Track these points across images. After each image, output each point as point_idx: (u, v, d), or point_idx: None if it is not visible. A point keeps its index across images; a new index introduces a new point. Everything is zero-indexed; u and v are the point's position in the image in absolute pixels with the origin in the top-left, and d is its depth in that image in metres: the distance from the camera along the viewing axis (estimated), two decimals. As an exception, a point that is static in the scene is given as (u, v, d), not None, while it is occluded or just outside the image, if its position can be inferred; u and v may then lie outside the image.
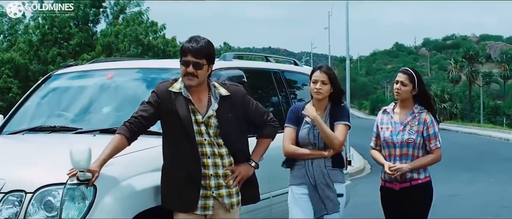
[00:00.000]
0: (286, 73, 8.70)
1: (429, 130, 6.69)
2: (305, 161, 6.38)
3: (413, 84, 6.73)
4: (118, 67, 7.55)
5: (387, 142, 6.78)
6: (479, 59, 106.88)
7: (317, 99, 6.44)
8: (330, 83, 6.40)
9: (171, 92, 5.47)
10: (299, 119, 6.49)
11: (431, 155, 6.73)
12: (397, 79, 6.79)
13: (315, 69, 6.50)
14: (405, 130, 6.70)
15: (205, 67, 5.43)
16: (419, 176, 6.72)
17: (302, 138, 6.41)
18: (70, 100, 7.26)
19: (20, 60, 41.62)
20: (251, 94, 6.95)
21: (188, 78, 5.40)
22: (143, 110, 5.49)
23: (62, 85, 7.52)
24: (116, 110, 6.81)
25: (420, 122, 6.70)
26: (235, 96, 5.61)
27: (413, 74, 6.76)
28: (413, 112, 6.76)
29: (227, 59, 7.50)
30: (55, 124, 6.82)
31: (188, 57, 5.38)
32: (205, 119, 5.46)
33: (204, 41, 5.45)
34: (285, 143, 6.47)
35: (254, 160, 5.74)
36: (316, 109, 6.44)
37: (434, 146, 6.71)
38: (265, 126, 5.82)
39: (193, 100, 5.46)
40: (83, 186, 5.08)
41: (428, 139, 6.70)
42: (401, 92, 6.75)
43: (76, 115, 6.98)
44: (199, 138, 5.44)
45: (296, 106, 6.72)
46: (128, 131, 5.38)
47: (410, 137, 6.66)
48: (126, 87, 7.11)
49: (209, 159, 5.47)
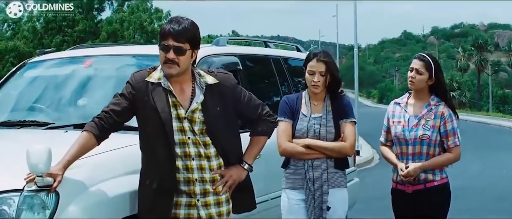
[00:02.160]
0: (288, 60, 7.98)
1: (447, 125, 5.91)
2: (304, 161, 5.60)
3: (429, 73, 5.92)
4: (97, 54, 6.80)
5: (398, 138, 6.01)
6: (488, 48, 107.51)
7: (314, 92, 5.67)
8: (329, 73, 5.60)
9: (148, 82, 4.68)
10: (293, 111, 5.71)
11: (449, 153, 5.95)
12: (412, 66, 5.99)
13: (311, 56, 5.67)
14: (419, 124, 5.92)
15: (189, 53, 4.63)
16: (434, 177, 5.94)
17: (301, 132, 5.62)
18: (44, 91, 6.52)
19: (24, 48, 41.62)
20: (248, 83, 6.41)
21: (168, 66, 4.59)
22: (115, 103, 4.70)
23: (36, 75, 6.78)
24: (93, 102, 6.00)
25: (436, 115, 5.92)
26: (224, 86, 4.79)
27: (430, 61, 5.96)
28: (429, 104, 5.98)
29: (220, 45, 6.79)
30: (26, 117, 6.09)
31: (168, 41, 4.58)
32: (189, 114, 4.64)
33: (187, 22, 4.64)
34: (281, 140, 5.63)
35: (247, 162, 4.92)
36: (313, 101, 5.70)
37: (452, 144, 5.93)
38: (260, 121, 5.00)
39: (174, 92, 4.65)
40: (44, 193, 4.32)
41: (446, 135, 5.92)
42: (415, 82, 5.95)
43: (49, 107, 6.26)
44: (181, 136, 4.64)
45: (289, 98, 5.88)
46: (97, 128, 4.60)
47: (425, 133, 5.88)
48: (105, 77, 6.35)
49: (194, 161, 4.67)
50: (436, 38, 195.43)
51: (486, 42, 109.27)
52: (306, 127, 5.61)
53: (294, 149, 5.60)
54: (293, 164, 5.66)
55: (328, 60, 5.61)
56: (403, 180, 5.91)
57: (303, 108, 5.68)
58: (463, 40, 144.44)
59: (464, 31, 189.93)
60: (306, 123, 5.62)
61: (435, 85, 5.99)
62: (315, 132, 5.60)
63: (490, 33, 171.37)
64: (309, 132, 5.60)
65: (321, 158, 5.57)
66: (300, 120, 5.66)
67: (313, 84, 5.59)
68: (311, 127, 5.61)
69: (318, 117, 5.65)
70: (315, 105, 5.69)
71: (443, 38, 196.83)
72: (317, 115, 5.66)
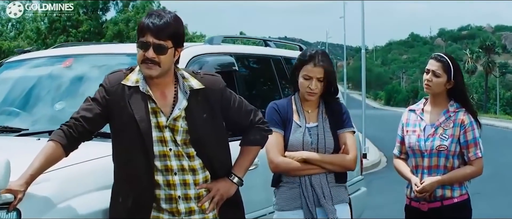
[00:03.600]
0: (291, 61, 7.27)
1: (467, 134, 5.26)
2: (300, 177, 4.90)
3: (448, 75, 5.27)
4: (79, 53, 6.20)
5: (413, 150, 5.37)
6: (496, 50, 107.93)
7: (308, 100, 5.00)
8: (326, 79, 4.93)
9: (124, 86, 4.07)
10: (285, 120, 4.99)
11: (469, 166, 5.30)
12: (428, 67, 5.33)
13: (307, 59, 4.96)
14: (436, 134, 5.28)
15: (171, 52, 4.01)
16: (453, 193, 5.29)
17: (295, 144, 4.91)
18: (19, 93, 5.97)
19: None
20: (245, 86, 5.96)
21: (147, 67, 3.97)
22: (86, 109, 4.09)
23: (12, 76, 6.23)
24: (72, 106, 5.35)
25: (456, 123, 5.27)
26: (212, 90, 4.16)
27: (449, 62, 5.29)
28: (448, 110, 5.33)
29: (214, 43, 6.22)
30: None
31: (147, 38, 3.96)
32: (170, 122, 4.03)
33: (169, 16, 4.02)
34: (273, 154, 4.89)
35: (236, 175, 4.27)
36: (305, 108, 5.01)
37: (474, 156, 5.27)
38: (252, 129, 4.35)
39: (154, 97, 4.04)
40: (3, 211, 3.76)
41: (466, 146, 5.27)
42: (432, 85, 5.30)
43: (24, 111, 5.72)
44: (162, 147, 4.03)
45: (278, 104, 5.08)
46: (64, 137, 3.99)
47: (442, 143, 5.23)
48: (85, 78, 5.77)
49: (176, 176, 4.05)
50: (443, 40, 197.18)
51: (494, 44, 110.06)
52: (301, 138, 4.91)
53: (289, 164, 4.88)
54: (287, 182, 4.96)
55: (326, 65, 4.91)
56: (418, 197, 5.27)
57: (295, 117, 4.98)
58: (470, 42, 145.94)
59: (471, 33, 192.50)
60: (301, 134, 4.91)
61: (454, 89, 5.34)
62: (312, 143, 4.89)
63: (497, 35, 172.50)
64: (305, 144, 4.90)
65: (320, 173, 4.91)
66: (294, 130, 4.94)
67: (308, 92, 4.90)
68: (308, 138, 4.90)
69: (314, 126, 4.95)
70: (308, 113, 5.00)
71: (450, 40, 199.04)
72: (313, 124, 4.96)
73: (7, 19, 49.15)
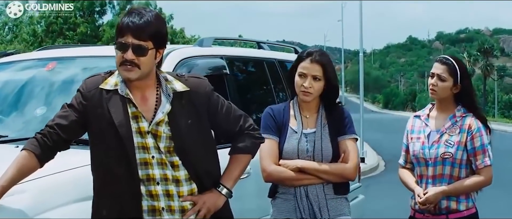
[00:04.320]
0: (285, 64, 7.04)
1: (475, 141, 4.92)
2: (295, 188, 4.59)
3: (454, 79, 4.95)
4: (63, 56, 5.94)
5: (417, 158, 5.04)
6: (494, 53, 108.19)
7: (304, 101, 4.69)
8: (324, 78, 4.61)
9: (102, 90, 3.79)
10: (280, 125, 4.68)
11: (477, 176, 4.95)
12: (433, 71, 5.02)
13: (304, 56, 4.67)
14: (441, 141, 4.96)
15: (151, 53, 3.71)
16: (459, 205, 4.95)
17: (290, 152, 4.60)
18: (0, 98, 5.71)
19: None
20: (237, 91, 5.73)
21: (126, 69, 3.68)
22: (62, 116, 3.82)
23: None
24: (53, 111, 5.02)
25: (462, 129, 4.95)
26: (197, 93, 3.87)
27: (455, 64, 4.98)
28: (454, 115, 5.02)
29: (204, 45, 5.95)
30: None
31: (126, 38, 3.67)
32: (153, 127, 3.75)
33: (150, 15, 3.72)
34: (266, 162, 4.58)
35: (225, 185, 3.97)
36: (303, 113, 4.70)
37: (482, 164, 4.92)
38: (242, 136, 4.03)
39: (134, 101, 3.76)
40: (-28, 226, 3.49)
41: (474, 153, 4.92)
42: (437, 90, 4.98)
43: (3, 117, 5.48)
44: (144, 155, 3.74)
45: (274, 109, 4.78)
46: (38, 146, 3.72)
47: (447, 150, 4.90)
48: (69, 81, 5.46)
49: (159, 186, 3.76)
50: (441, 43, 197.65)
51: (492, 47, 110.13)
52: (296, 145, 4.58)
53: (283, 173, 4.56)
54: (283, 193, 4.66)
55: (325, 62, 4.60)
56: (421, 208, 4.96)
57: (291, 122, 4.65)
58: (468, 45, 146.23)
59: (469, 36, 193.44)
60: (296, 140, 4.59)
61: (462, 93, 5.03)
62: (308, 151, 4.56)
63: (495, 38, 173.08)
64: (300, 152, 4.57)
65: (316, 183, 4.59)
66: (289, 136, 4.61)
67: (303, 90, 4.58)
68: (303, 146, 4.58)
69: (311, 133, 4.62)
70: (306, 118, 4.68)
71: (448, 43, 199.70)
72: (310, 130, 4.63)
73: (4, 23, 48.99)
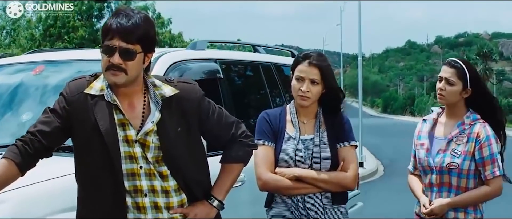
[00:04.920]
0: (282, 68, 6.89)
1: (483, 150, 4.63)
2: (292, 197, 4.39)
3: (463, 83, 4.67)
4: (51, 60, 5.74)
5: (422, 166, 4.80)
6: (493, 57, 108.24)
7: (302, 106, 4.49)
8: (323, 82, 4.40)
9: (87, 95, 3.58)
10: (276, 131, 4.47)
11: (485, 187, 4.67)
12: (441, 75, 4.75)
13: (300, 58, 4.46)
14: (448, 149, 4.69)
15: (139, 57, 3.51)
16: (466, 217, 4.71)
17: (287, 159, 4.39)
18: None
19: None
20: (231, 96, 5.55)
21: (113, 73, 3.48)
22: (44, 122, 3.59)
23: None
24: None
25: (470, 138, 4.66)
26: (187, 99, 3.66)
27: (464, 67, 4.70)
28: (463, 122, 4.74)
29: (197, 48, 5.75)
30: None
31: (113, 41, 3.47)
32: (141, 136, 3.54)
33: (138, 17, 3.51)
34: (261, 170, 4.38)
35: (216, 197, 3.77)
36: (301, 118, 4.50)
37: (491, 174, 4.64)
38: (234, 144, 3.82)
39: (121, 107, 3.55)
40: None
41: (482, 163, 4.64)
42: (445, 95, 4.72)
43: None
44: (131, 165, 3.54)
45: (270, 113, 4.57)
46: (18, 154, 3.50)
47: (454, 161, 4.64)
48: (56, 86, 5.24)
49: (146, 198, 3.56)
50: (440, 47, 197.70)
51: (491, 51, 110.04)
52: (294, 152, 4.37)
53: (279, 182, 4.35)
54: (279, 202, 4.46)
55: (323, 64, 4.40)
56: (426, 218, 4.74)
57: (288, 128, 4.45)
58: (467, 49, 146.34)
59: (468, 40, 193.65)
60: (293, 147, 4.38)
61: (473, 98, 4.75)
62: (305, 159, 4.36)
63: (494, 42, 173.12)
64: (298, 159, 4.37)
65: (314, 193, 4.38)
66: (286, 143, 4.41)
67: (300, 95, 4.37)
68: (301, 153, 4.37)
69: (309, 139, 4.41)
70: (304, 124, 4.47)
71: (447, 47, 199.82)
72: (308, 137, 4.42)
73: (1, 27, 48.80)
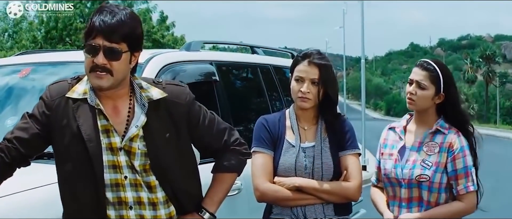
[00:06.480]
0: (281, 70, 6.62)
1: (457, 162, 4.18)
2: (292, 209, 4.10)
3: (436, 87, 4.22)
4: (38, 62, 5.50)
5: (389, 178, 4.32)
6: (496, 59, 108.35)
7: (302, 109, 4.20)
8: (322, 82, 4.11)
9: (69, 99, 3.33)
10: (275, 138, 4.18)
11: (458, 202, 4.21)
12: (412, 77, 4.29)
13: (300, 58, 4.18)
14: (417, 160, 4.23)
15: (126, 57, 3.25)
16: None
17: (287, 168, 4.12)
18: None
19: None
20: (228, 99, 5.29)
21: (97, 75, 3.22)
22: (22, 128, 3.34)
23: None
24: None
25: (442, 148, 4.20)
26: (176, 103, 3.40)
27: (438, 70, 4.24)
28: (434, 131, 4.28)
29: (191, 49, 5.48)
30: None
31: (97, 40, 3.21)
32: (126, 142, 3.29)
33: (124, 13, 3.25)
34: (259, 180, 4.09)
35: (207, 209, 3.51)
36: (301, 124, 4.22)
37: (464, 189, 4.19)
38: (227, 152, 3.57)
39: (105, 112, 3.30)
40: None
41: (454, 176, 4.18)
42: (416, 100, 4.25)
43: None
44: (115, 175, 3.28)
45: (268, 119, 4.28)
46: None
47: (424, 173, 4.18)
48: (43, 89, 4.98)
49: (132, 211, 3.30)
50: (443, 50, 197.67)
51: (494, 54, 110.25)
52: (294, 161, 4.10)
53: (278, 193, 4.07)
54: (278, 213, 4.16)
55: (324, 64, 4.12)
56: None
57: (288, 135, 4.18)
58: (470, 51, 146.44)
59: (471, 43, 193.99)
60: (293, 155, 4.11)
61: (446, 104, 4.28)
62: (306, 168, 4.08)
63: (497, 45, 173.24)
64: (298, 168, 4.09)
65: (315, 204, 4.10)
66: (285, 151, 4.13)
67: (300, 96, 4.09)
68: (302, 161, 4.09)
69: (310, 147, 4.13)
70: (304, 130, 4.19)
71: (450, 50, 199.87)
72: (309, 144, 4.14)
73: (4, 29, 48.73)
